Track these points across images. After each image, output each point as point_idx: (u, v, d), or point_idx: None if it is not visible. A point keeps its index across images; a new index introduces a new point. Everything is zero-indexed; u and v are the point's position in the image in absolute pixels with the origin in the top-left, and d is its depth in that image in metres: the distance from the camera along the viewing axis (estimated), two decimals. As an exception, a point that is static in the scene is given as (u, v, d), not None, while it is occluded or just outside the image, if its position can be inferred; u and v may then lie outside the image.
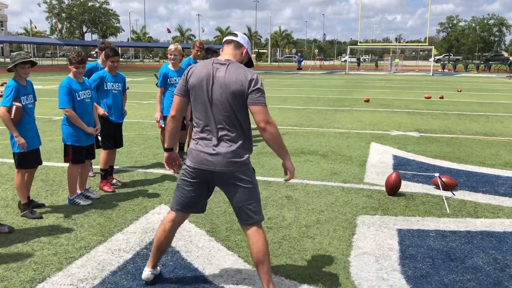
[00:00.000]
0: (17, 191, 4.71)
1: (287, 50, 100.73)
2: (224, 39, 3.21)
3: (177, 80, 6.45)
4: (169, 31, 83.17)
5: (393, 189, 5.59)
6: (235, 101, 2.97)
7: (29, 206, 4.72)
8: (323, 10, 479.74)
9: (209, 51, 7.81)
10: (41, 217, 4.65)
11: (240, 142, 3.03)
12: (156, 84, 6.68)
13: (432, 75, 41.93)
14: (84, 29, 77.21)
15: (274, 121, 3.01)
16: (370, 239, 4.28)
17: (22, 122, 4.51)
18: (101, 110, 5.48)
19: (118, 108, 5.68)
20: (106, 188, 5.62)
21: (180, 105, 3.20)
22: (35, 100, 4.83)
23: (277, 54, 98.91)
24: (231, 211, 4.97)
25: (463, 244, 4.18)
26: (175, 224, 3.29)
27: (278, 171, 6.67)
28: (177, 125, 3.25)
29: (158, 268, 3.49)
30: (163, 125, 6.45)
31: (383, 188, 5.77)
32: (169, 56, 6.39)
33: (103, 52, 5.89)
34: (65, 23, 75.55)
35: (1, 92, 4.69)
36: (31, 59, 4.73)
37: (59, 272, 3.54)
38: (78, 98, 4.95)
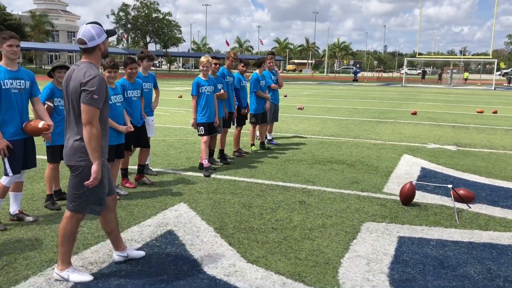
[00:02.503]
0: (45, 181, 5.29)
1: (345, 61, 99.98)
2: None
3: (207, 88, 6.88)
4: (227, 44, 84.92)
5: (406, 198, 5.65)
6: (74, 96, 3.34)
7: (52, 198, 5.28)
8: (386, 22, 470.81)
9: (242, 61, 8.23)
10: (59, 209, 5.17)
11: (75, 136, 3.39)
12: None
13: (494, 89, 40.20)
14: (148, 39, 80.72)
15: (97, 126, 3.31)
16: (368, 244, 4.42)
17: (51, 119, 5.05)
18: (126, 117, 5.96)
19: (138, 113, 6.15)
20: (127, 184, 6.12)
21: None
22: None
23: (335, 65, 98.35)
24: (244, 211, 5.27)
25: (461, 254, 4.23)
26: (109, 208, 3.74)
27: (300, 178, 6.89)
28: None
29: (128, 251, 3.90)
30: (198, 133, 6.95)
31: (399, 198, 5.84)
32: (201, 67, 6.85)
33: (142, 61, 6.43)
34: (131, 33, 79.44)
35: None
36: (67, 65, 5.34)
37: (75, 255, 3.98)
38: (110, 102, 5.45)
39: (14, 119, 4.43)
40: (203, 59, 6.88)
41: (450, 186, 5.58)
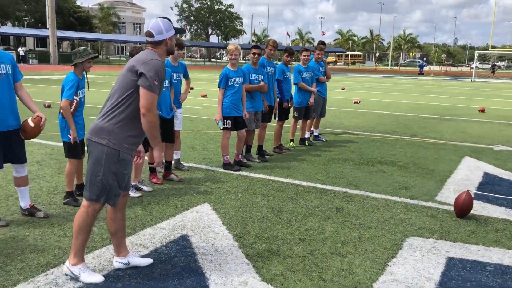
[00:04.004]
0: (66, 177, 4.97)
1: (411, 54, 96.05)
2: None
3: (236, 80, 6.35)
4: (288, 35, 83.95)
5: (462, 210, 4.87)
6: (125, 76, 3.20)
7: (73, 195, 4.96)
8: (457, 13, 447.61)
9: (287, 50, 7.65)
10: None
11: (108, 117, 3.19)
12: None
13: None
14: (209, 31, 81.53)
15: (155, 112, 3.17)
16: (409, 265, 3.74)
17: (74, 114, 4.75)
18: None
19: (167, 104, 5.74)
20: (154, 180, 5.77)
21: None
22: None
23: (400, 58, 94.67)
24: (271, 217, 4.73)
25: (525, 286, 3.45)
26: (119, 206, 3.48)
27: (342, 180, 6.23)
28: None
29: (129, 258, 3.54)
30: (222, 127, 6.41)
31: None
32: (229, 56, 6.31)
33: None
34: (193, 25, 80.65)
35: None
36: (96, 54, 5.02)
37: (75, 259, 3.62)
38: None
39: None
40: (230, 46, 6.29)
41: (516, 198, 4.72)
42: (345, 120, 12.34)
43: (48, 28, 45.73)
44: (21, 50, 48.23)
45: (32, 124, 4.20)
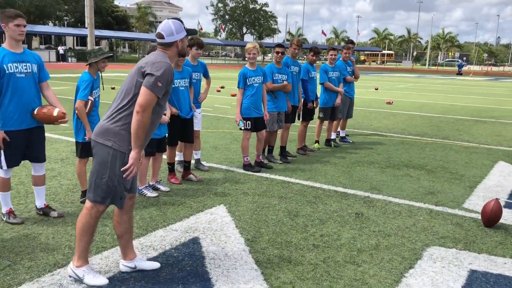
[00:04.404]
0: (78, 178, 4.98)
1: (450, 54, 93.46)
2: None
3: (255, 79, 6.23)
4: (324, 34, 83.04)
5: (489, 219, 4.59)
6: (132, 78, 3.13)
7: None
8: (500, 11, 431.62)
9: (312, 50, 7.49)
10: None
11: (114, 118, 3.12)
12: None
13: None
14: (244, 30, 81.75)
15: (149, 114, 3.03)
16: (427, 276, 3.53)
17: (89, 114, 4.74)
18: (174, 109, 5.52)
19: (187, 104, 5.68)
20: (173, 180, 5.73)
21: None
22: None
23: (438, 57, 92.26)
24: (286, 221, 4.60)
25: (553, 304, 3.20)
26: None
27: (365, 184, 6.02)
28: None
29: (136, 261, 3.48)
30: (242, 127, 6.31)
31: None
32: (247, 55, 6.19)
33: (191, 49, 5.97)
34: (228, 24, 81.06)
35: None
36: (111, 54, 5.00)
37: (83, 260, 3.60)
38: (173, 86, 5.20)
39: (20, 107, 4.09)
40: (249, 45, 6.17)
41: (549, 208, 4.42)
42: (375, 121, 12.03)
43: (86, 28, 46.89)
44: (60, 49, 49.71)
45: (55, 114, 4.21)
